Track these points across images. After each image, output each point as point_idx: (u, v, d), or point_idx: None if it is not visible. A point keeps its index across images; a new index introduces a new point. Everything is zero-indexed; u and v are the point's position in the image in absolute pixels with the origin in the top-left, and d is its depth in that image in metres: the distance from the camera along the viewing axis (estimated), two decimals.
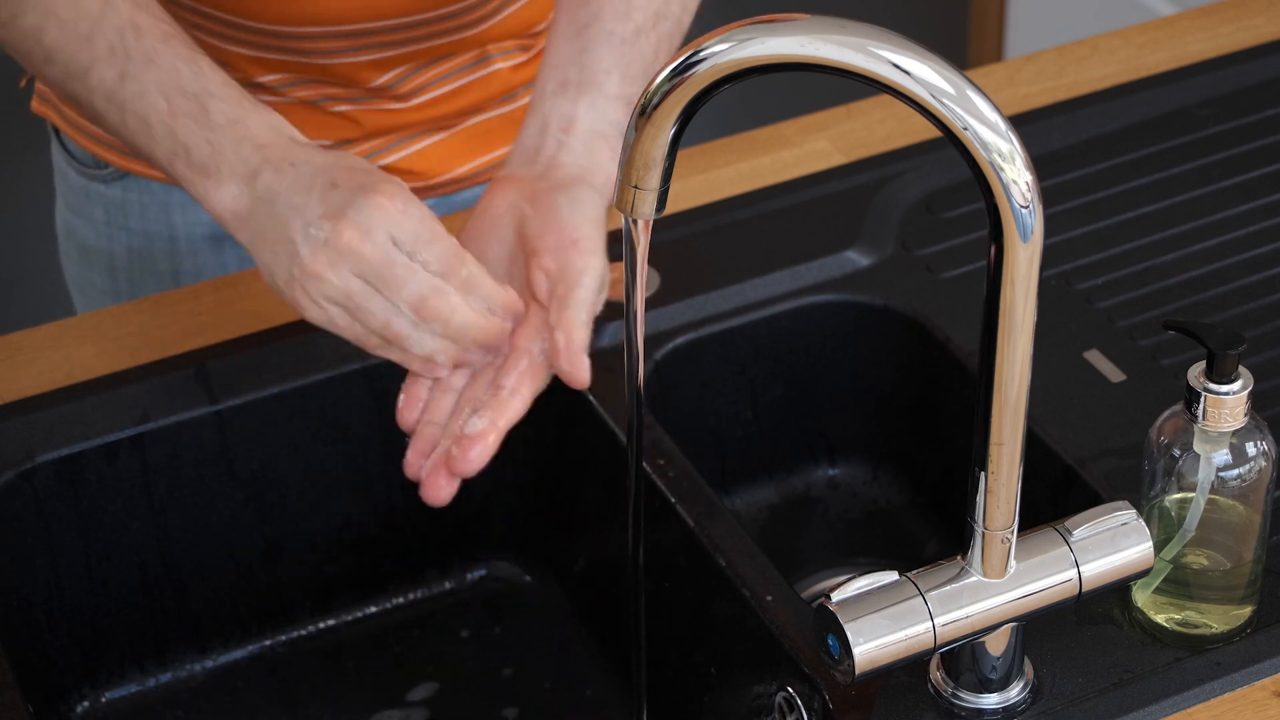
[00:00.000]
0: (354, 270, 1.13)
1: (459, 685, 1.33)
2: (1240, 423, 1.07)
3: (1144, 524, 1.06)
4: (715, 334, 1.35)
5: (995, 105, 0.91)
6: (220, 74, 1.19)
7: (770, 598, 1.15)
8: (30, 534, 1.26)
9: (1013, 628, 1.06)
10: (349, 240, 1.12)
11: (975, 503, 1.02)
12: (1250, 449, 1.08)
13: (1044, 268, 1.18)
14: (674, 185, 1.07)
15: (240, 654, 1.35)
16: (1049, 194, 1.43)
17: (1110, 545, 1.05)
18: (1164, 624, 1.12)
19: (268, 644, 1.36)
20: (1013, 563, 1.04)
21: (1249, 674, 1.11)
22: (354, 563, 1.36)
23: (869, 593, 1.02)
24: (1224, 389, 1.06)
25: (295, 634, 1.36)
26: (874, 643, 1.01)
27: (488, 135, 1.46)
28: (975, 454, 1.01)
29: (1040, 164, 1.44)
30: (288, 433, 1.30)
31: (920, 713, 1.08)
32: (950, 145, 0.93)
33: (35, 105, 1.50)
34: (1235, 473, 1.08)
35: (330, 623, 1.37)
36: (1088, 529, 1.05)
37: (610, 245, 1.38)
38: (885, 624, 1.01)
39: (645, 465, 1.23)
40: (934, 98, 0.91)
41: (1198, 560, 1.11)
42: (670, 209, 1.16)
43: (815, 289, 1.37)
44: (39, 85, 1.49)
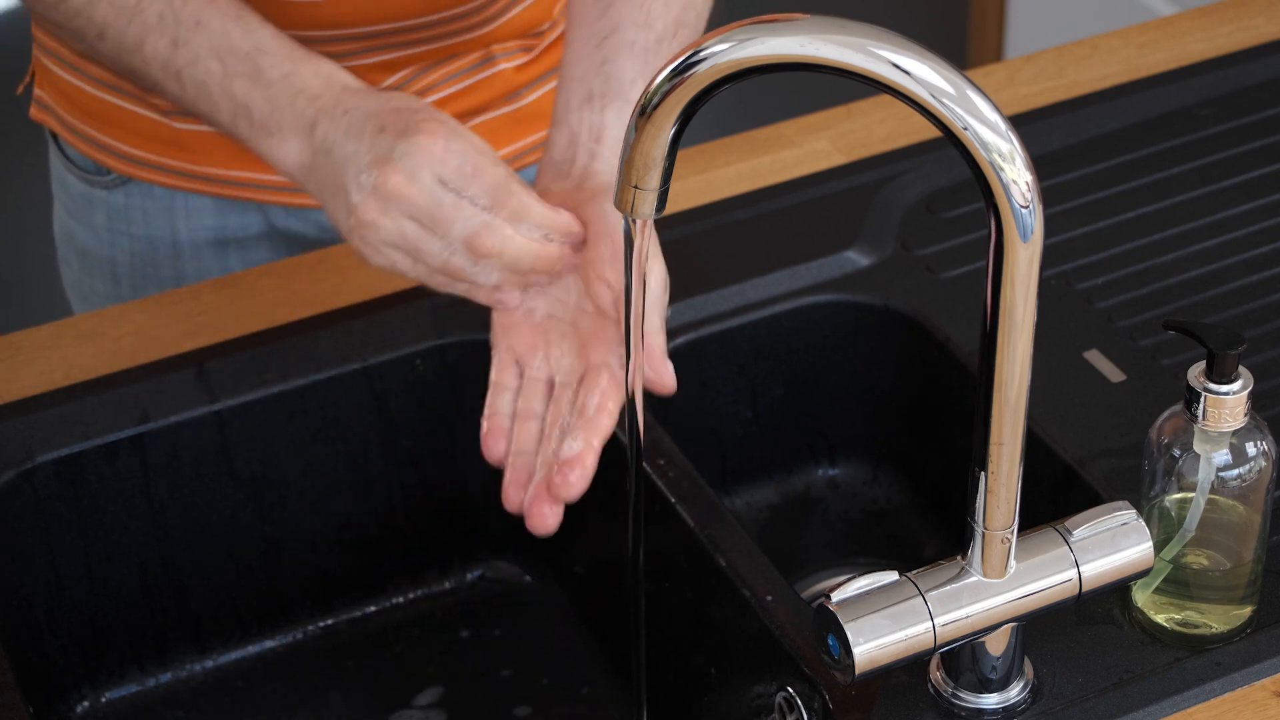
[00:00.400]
0: (405, 213, 1.12)
1: (459, 685, 1.33)
2: (1240, 423, 1.07)
3: (1144, 524, 1.06)
4: (715, 334, 1.35)
5: (995, 105, 0.91)
6: (269, 28, 1.18)
7: (770, 598, 1.15)
8: (30, 534, 1.26)
9: (1013, 628, 1.06)
10: (395, 185, 1.12)
11: (975, 503, 1.02)
12: (1250, 449, 1.08)
13: (1044, 268, 1.18)
14: (674, 185, 1.07)
15: (240, 654, 1.35)
16: (1049, 194, 1.43)
17: (1110, 545, 1.05)
18: (1164, 624, 1.12)
19: (268, 644, 1.36)
20: (1013, 563, 1.04)
21: (1249, 674, 1.11)
22: (354, 563, 1.36)
23: (869, 593, 1.02)
24: (1224, 389, 1.06)
25: (295, 634, 1.36)
26: (874, 643, 1.01)
27: (492, 135, 1.46)
28: (975, 454, 1.01)
29: (1040, 164, 1.44)
30: (288, 433, 1.30)
31: (920, 713, 1.08)
32: (950, 145, 0.93)
33: (34, 112, 1.50)
34: (1235, 473, 1.08)
35: (330, 623, 1.37)
36: (1088, 529, 1.05)
37: None
38: (885, 624, 1.01)
39: (645, 465, 1.23)
40: (934, 98, 0.91)
41: (1198, 560, 1.11)
42: (670, 209, 1.16)
43: (815, 289, 1.37)
44: (37, 91, 1.49)
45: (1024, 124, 1.49)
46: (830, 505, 1.42)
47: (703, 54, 0.93)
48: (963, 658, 1.07)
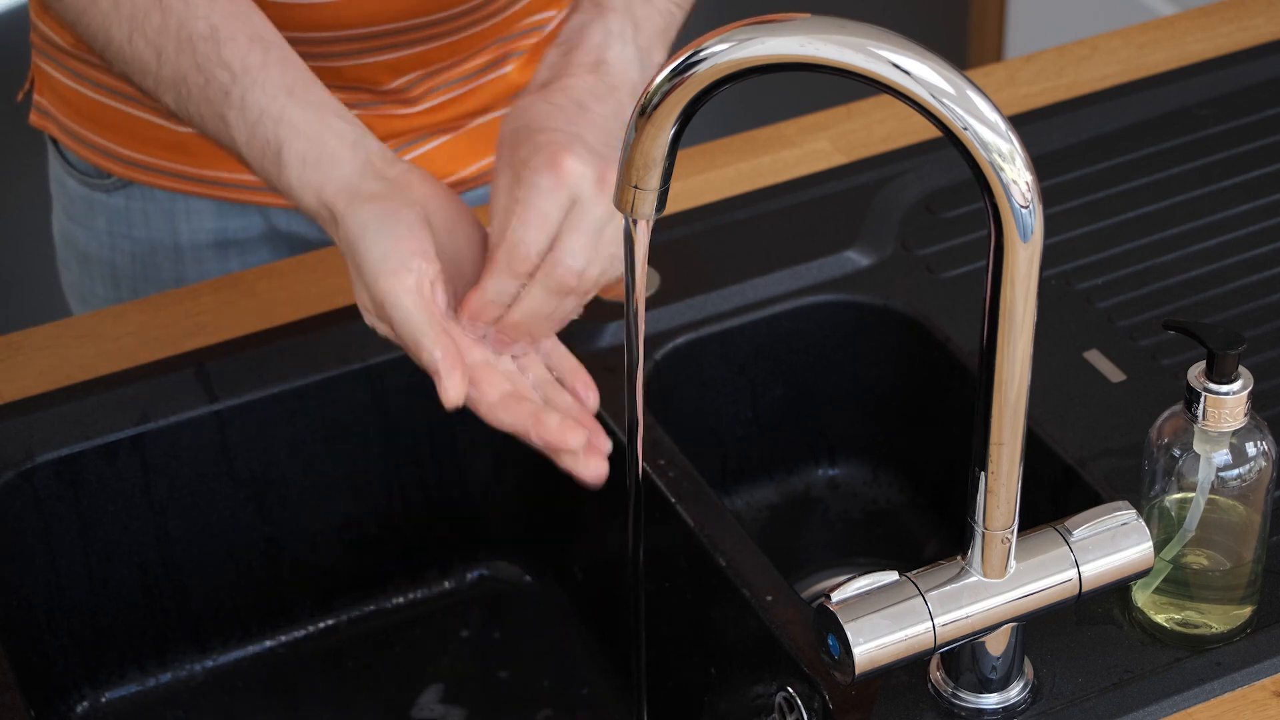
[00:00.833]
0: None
1: (459, 686, 1.33)
2: (1240, 423, 1.07)
3: (1144, 524, 1.06)
4: (715, 334, 1.35)
5: (995, 105, 0.91)
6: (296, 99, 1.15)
7: (770, 598, 1.15)
8: (30, 534, 1.26)
9: (1013, 628, 1.06)
10: (373, 323, 1.12)
11: (975, 503, 1.02)
12: (1250, 449, 1.08)
13: (1044, 268, 1.18)
14: (674, 185, 1.07)
15: (240, 654, 1.35)
16: (1049, 194, 1.43)
17: (1110, 545, 1.05)
18: (1164, 624, 1.12)
19: (268, 644, 1.36)
20: (1013, 563, 1.04)
21: (1249, 674, 1.11)
22: (354, 563, 1.36)
23: (869, 593, 1.02)
24: (1224, 389, 1.06)
25: (295, 634, 1.36)
26: (874, 643, 1.01)
27: (494, 135, 1.46)
28: (975, 454, 1.01)
29: (1040, 164, 1.44)
30: (288, 433, 1.30)
31: (920, 713, 1.08)
32: (950, 145, 0.93)
33: (34, 118, 1.49)
34: (1235, 473, 1.08)
35: (330, 623, 1.37)
36: (1088, 529, 1.05)
37: None
38: (885, 624, 1.01)
39: (645, 465, 1.23)
40: (934, 98, 0.91)
41: (1198, 560, 1.11)
42: (670, 209, 1.16)
43: (815, 289, 1.37)
44: (36, 97, 1.49)
45: (1024, 124, 1.49)
46: (830, 505, 1.42)
47: (703, 54, 0.93)
48: (963, 658, 1.07)
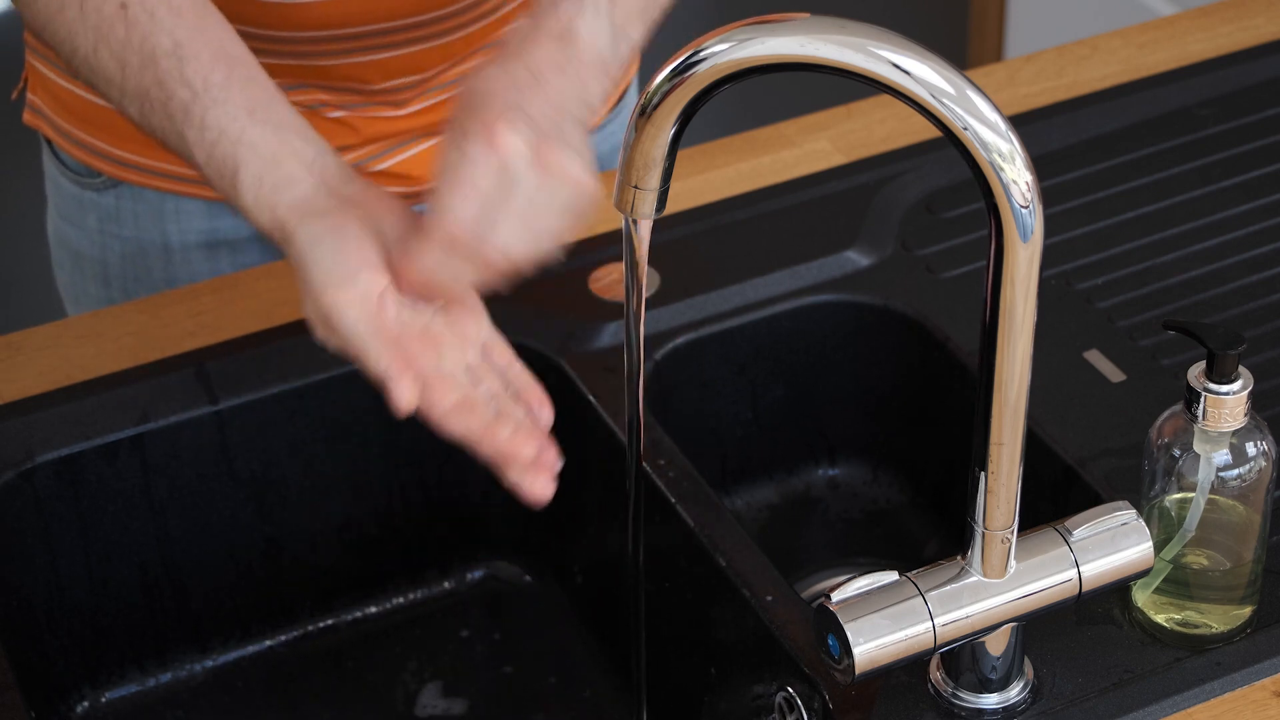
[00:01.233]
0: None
1: (459, 686, 1.33)
2: (1240, 423, 1.07)
3: (1144, 524, 1.06)
4: (715, 334, 1.35)
5: (995, 105, 0.91)
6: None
7: (770, 598, 1.15)
8: (30, 534, 1.26)
9: (1013, 628, 1.06)
10: (323, 337, 1.12)
11: (975, 503, 1.02)
12: (1250, 449, 1.08)
13: (1044, 268, 1.18)
14: (674, 185, 1.07)
15: (240, 654, 1.35)
16: (1049, 194, 1.42)
17: (1110, 545, 1.05)
18: (1164, 624, 1.12)
19: (268, 644, 1.36)
20: (1013, 563, 1.04)
21: (1249, 674, 1.11)
22: (354, 563, 1.36)
23: (869, 593, 1.02)
24: (1224, 389, 1.06)
25: (295, 634, 1.36)
26: (874, 643, 1.01)
27: None
28: (975, 454, 1.01)
29: (1040, 164, 1.44)
30: (288, 433, 1.30)
31: (920, 713, 1.08)
32: (950, 145, 0.93)
33: (27, 117, 1.49)
34: (1235, 473, 1.08)
35: (330, 623, 1.37)
36: (1088, 529, 1.05)
37: (609, 245, 1.38)
38: (885, 624, 1.01)
39: (645, 465, 1.23)
40: (934, 98, 0.91)
41: (1198, 560, 1.11)
42: (670, 209, 1.16)
43: (815, 289, 1.37)
44: (30, 96, 1.49)
45: (1024, 124, 1.49)
46: (830, 505, 1.42)
47: (703, 54, 0.93)
48: (963, 658, 1.07)
